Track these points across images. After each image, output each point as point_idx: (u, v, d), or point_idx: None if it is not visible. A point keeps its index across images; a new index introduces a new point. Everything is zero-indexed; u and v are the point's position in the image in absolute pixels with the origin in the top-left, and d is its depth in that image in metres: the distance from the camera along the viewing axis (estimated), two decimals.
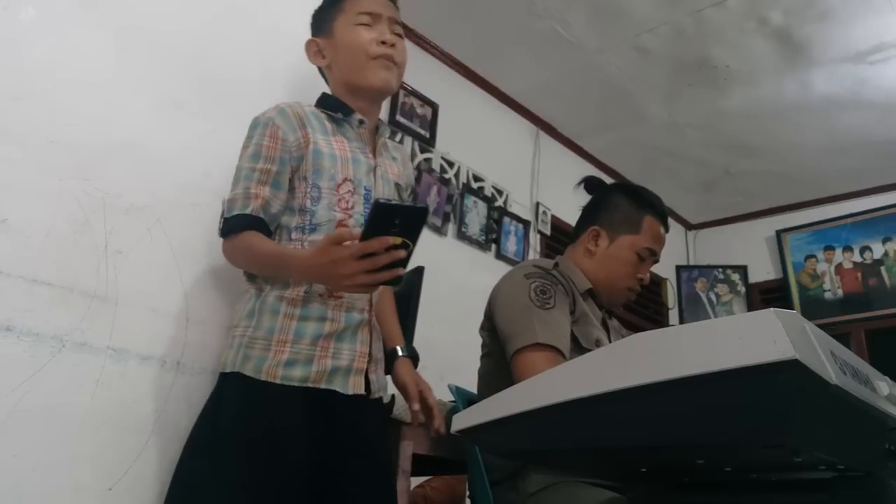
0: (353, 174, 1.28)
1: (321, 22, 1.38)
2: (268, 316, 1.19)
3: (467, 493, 1.65)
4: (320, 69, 1.42)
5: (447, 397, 1.57)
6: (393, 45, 1.32)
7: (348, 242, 1.03)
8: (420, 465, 1.53)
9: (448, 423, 1.29)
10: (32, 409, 1.07)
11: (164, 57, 1.37)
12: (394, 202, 1.03)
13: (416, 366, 1.42)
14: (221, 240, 1.23)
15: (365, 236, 1.01)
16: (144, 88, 1.33)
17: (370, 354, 1.26)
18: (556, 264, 1.58)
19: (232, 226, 1.19)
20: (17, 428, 1.05)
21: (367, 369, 1.24)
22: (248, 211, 1.19)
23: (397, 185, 1.39)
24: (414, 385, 1.33)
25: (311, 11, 1.42)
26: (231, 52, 1.49)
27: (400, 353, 1.39)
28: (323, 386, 1.17)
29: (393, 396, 1.43)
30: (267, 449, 1.11)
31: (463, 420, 0.83)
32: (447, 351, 2.48)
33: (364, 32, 1.30)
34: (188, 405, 1.26)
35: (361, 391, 1.21)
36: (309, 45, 1.38)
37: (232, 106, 1.45)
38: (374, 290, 1.18)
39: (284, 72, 1.57)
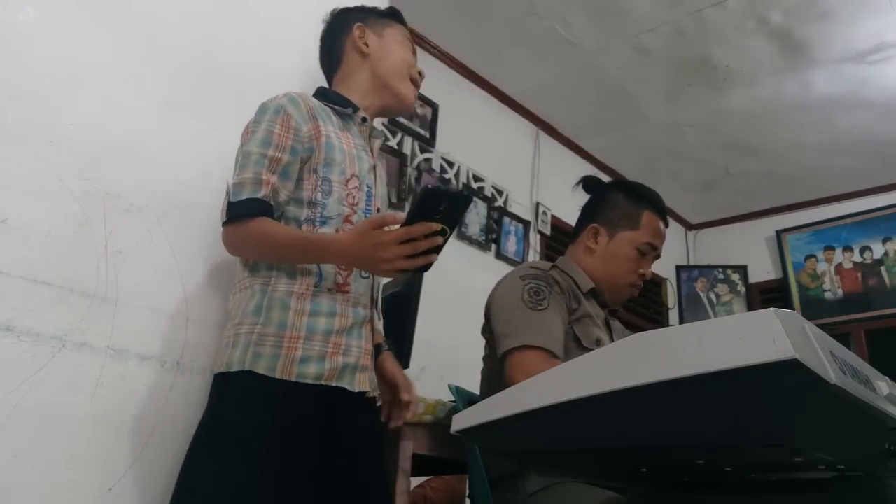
0: (359, 171, 1.29)
1: (369, 18, 1.43)
2: (277, 312, 1.15)
3: (467, 493, 1.65)
4: (340, 51, 1.40)
5: (447, 397, 1.57)
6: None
7: (388, 227, 1.04)
8: (420, 465, 1.53)
9: (448, 421, 1.29)
10: (32, 409, 1.07)
11: (165, 56, 1.37)
12: (443, 188, 1.04)
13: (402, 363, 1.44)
14: (223, 227, 1.18)
15: (409, 221, 1.02)
16: (144, 88, 1.33)
17: (371, 352, 1.26)
18: (554, 266, 1.58)
19: (242, 210, 1.14)
20: (17, 428, 1.05)
21: (369, 367, 1.25)
22: (259, 195, 1.15)
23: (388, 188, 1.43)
24: (402, 377, 1.35)
25: (311, 10, 1.42)
26: (231, 51, 1.49)
27: (385, 347, 1.39)
28: (334, 384, 1.16)
29: None
30: (282, 448, 1.10)
31: (463, 420, 0.83)
32: (447, 351, 2.48)
33: (409, 55, 1.43)
34: (188, 405, 1.26)
35: (367, 388, 1.22)
36: (358, 27, 1.39)
37: (232, 106, 1.45)
38: (406, 276, 1.16)
39: (285, 71, 1.57)
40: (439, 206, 1.00)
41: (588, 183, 1.72)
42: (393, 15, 1.46)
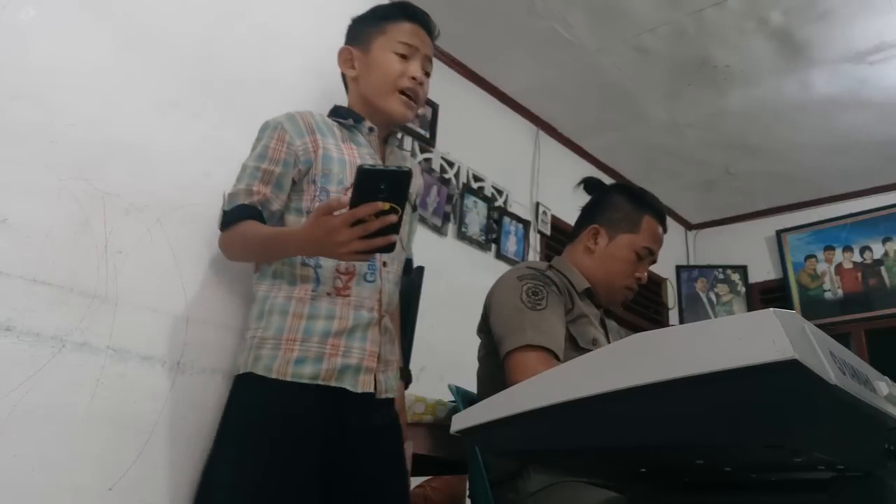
0: None
1: (360, 33, 1.40)
2: (277, 316, 1.22)
3: (467, 493, 1.65)
4: (343, 76, 1.44)
5: (447, 397, 1.57)
6: (420, 84, 1.35)
7: (339, 211, 1.04)
8: (420, 465, 1.53)
9: (448, 421, 1.29)
10: (32, 409, 1.07)
11: (165, 57, 1.37)
12: (377, 167, 1.04)
13: (407, 386, 1.46)
14: (219, 234, 1.26)
15: (354, 203, 1.02)
16: (144, 88, 1.33)
17: (379, 354, 1.27)
18: (550, 266, 1.58)
19: (230, 217, 1.23)
20: (17, 428, 1.05)
21: (375, 369, 1.25)
22: (248, 203, 1.23)
23: None
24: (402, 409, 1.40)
25: (311, 10, 1.41)
26: (231, 52, 1.48)
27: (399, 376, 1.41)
28: (333, 384, 1.20)
29: None
30: (281, 446, 1.15)
31: (463, 420, 0.83)
32: (447, 351, 2.48)
33: (397, 63, 1.33)
34: (188, 405, 1.26)
35: (370, 389, 1.23)
36: (343, 51, 1.40)
37: (232, 106, 1.45)
38: (369, 259, 1.19)
39: (284, 72, 1.57)
40: (380, 184, 1.01)
41: (589, 184, 1.73)
42: (388, 15, 1.37)
